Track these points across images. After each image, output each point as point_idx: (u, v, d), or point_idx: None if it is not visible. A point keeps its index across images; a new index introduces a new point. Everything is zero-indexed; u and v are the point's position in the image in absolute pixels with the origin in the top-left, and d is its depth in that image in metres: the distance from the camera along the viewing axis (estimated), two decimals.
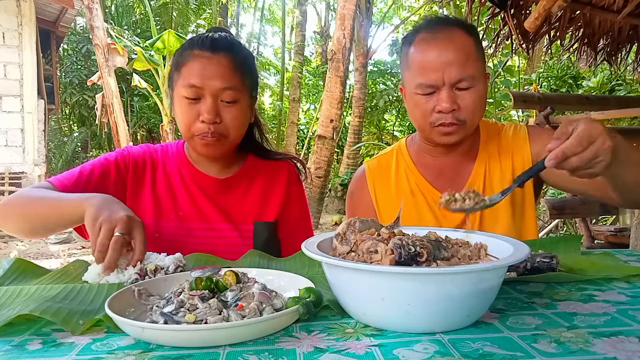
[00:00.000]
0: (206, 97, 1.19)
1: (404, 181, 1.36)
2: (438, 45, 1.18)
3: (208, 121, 1.18)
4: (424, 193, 1.33)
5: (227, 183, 1.34)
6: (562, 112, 4.59)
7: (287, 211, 1.36)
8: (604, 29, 3.33)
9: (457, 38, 1.20)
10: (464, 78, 1.17)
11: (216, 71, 1.19)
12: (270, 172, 1.38)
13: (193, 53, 1.21)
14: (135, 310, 0.74)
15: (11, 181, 8.29)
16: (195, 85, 1.18)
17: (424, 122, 1.24)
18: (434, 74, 1.18)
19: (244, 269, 0.85)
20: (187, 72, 1.20)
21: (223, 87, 1.19)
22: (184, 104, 1.20)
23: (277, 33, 18.91)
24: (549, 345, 0.61)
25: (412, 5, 13.86)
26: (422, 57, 1.20)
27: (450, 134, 1.22)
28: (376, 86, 13.47)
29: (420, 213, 1.32)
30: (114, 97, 7.89)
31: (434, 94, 1.20)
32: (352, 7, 7.99)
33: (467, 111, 1.19)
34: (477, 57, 1.21)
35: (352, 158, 10.93)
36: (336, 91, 8.15)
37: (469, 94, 1.19)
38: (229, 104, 1.21)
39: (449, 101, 1.17)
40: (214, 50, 1.21)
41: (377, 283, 0.66)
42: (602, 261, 1.03)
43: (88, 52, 11.62)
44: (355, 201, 1.45)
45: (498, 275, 0.70)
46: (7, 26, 8.39)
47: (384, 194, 1.38)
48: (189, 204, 1.31)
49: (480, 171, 1.30)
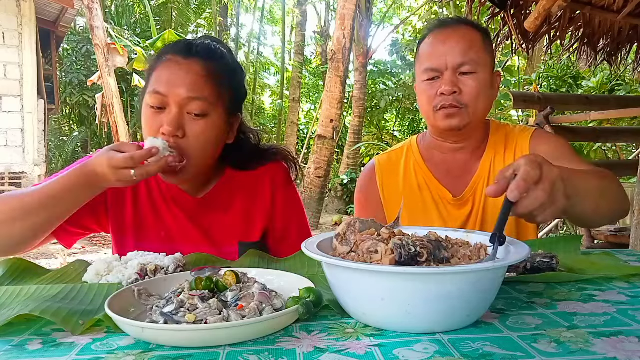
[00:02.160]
0: (171, 107, 1.06)
1: (412, 176, 1.39)
2: (443, 35, 1.27)
3: (168, 133, 1.04)
4: (430, 188, 1.36)
5: (206, 201, 1.23)
6: (562, 112, 4.59)
7: (275, 220, 1.28)
8: (604, 29, 3.33)
9: (463, 30, 1.27)
10: (466, 62, 1.23)
11: (185, 78, 1.07)
12: (252, 183, 1.27)
13: (166, 58, 1.10)
14: (135, 310, 0.73)
15: (11, 181, 8.29)
16: (160, 93, 1.06)
17: (428, 107, 1.28)
18: (437, 59, 1.24)
19: (244, 269, 0.85)
20: (155, 78, 1.09)
21: (189, 97, 1.06)
22: (147, 113, 1.09)
23: (277, 33, 18.91)
24: (549, 345, 0.61)
25: (412, 5, 13.86)
26: (429, 47, 1.28)
27: (452, 116, 1.25)
28: (376, 86, 13.48)
29: (426, 208, 1.35)
30: (114, 97, 7.89)
31: (438, 80, 1.25)
32: (352, 7, 7.99)
33: (469, 96, 1.23)
34: (482, 48, 1.26)
35: (352, 158, 10.93)
36: (336, 91, 8.15)
37: (471, 79, 1.23)
38: (196, 117, 1.07)
39: (450, 84, 1.22)
40: (187, 56, 1.09)
41: (377, 283, 0.66)
42: (602, 261, 1.03)
43: (88, 52, 11.61)
44: (363, 195, 1.46)
45: (498, 275, 0.70)
46: (7, 26, 8.39)
47: (392, 188, 1.40)
48: (172, 223, 1.22)
49: (485, 168, 1.33)
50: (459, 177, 1.34)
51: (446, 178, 1.36)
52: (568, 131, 3.97)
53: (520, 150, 1.31)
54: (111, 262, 0.96)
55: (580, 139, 4.82)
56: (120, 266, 0.95)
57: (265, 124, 16.12)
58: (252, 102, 15.57)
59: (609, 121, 5.20)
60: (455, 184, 1.35)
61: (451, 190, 1.34)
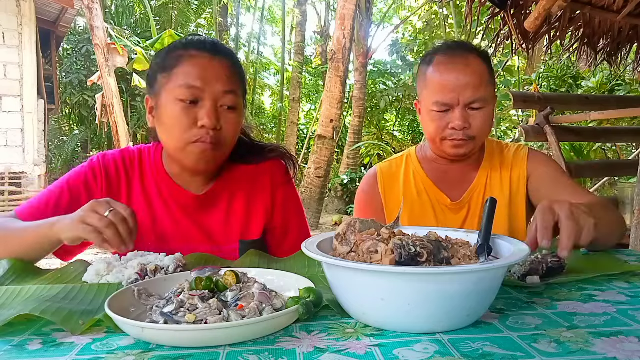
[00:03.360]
0: (205, 101, 1.09)
1: (411, 183, 1.46)
2: (456, 69, 1.30)
3: (209, 126, 1.08)
4: (429, 193, 1.43)
5: (207, 199, 1.23)
6: (562, 112, 4.59)
7: (275, 217, 1.29)
8: (604, 29, 3.33)
9: (473, 63, 1.31)
10: (477, 99, 1.29)
11: (218, 73, 1.11)
12: (252, 179, 1.28)
13: (190, 53, 1.12)
14: (135, 310, 0.73)
15: (11, 181, 8.29)
16: (195, 86, 1.08)
17: (437, 135, 1.34)
18: (450, 94, 1.29)
19: (244, 269, 0.85)
20: (183, 72, 1.10)
21: (224, 91, 1.11)
22: (177, 108, 1.09)
23: (277, 33, 18.90)
24: (549, 345, 0.61)
25: (412, 5, 13.85)
26: (440, 78, 1.31)
27: (460, 147, 1.33)
28: (376, 86, 13.47)
29: (424, 212, 1.42)
30: (114, 97, 7.89)
31: (448, 112, 1.30)
32: (352, 7, 7.99)
33: (477, 129, 1.31)
34: (489, 82, 1.32)
35: (352, 158, 10.93)
36: (336, 91, 8.15)
37: (480, 114, 1.30)
38: (229, 110, 1.12)
39: (462, 120, 1.29)
40: (215, 53, 1.13)
41: (377, 283, 0.66)
42: (602, 261, 1.04)
43: (88, 52, 11.59)
44: (365, 199, 1.52)
45: (498, 275, 0.70)
46: (7, 26, 8.38)
47: (393, 194, 1.47)
48: (168, 222, 1.21)
49: (482, 180, 1.42)
50: (456, 184, 1.42)
51: (443, 184, 1.43)
52: (568, 131, 3.97)
53: (517, 170, 1.40)
54: (111, 262, 0.96)
55: (580, 139, 4.82)
56: (120, 266, 0.95)
57: (265, 124, 16.12)
58: (252, 102, 15.57)
59: (609, 121, 5.20)
60: (452, 190, 1.42)
61: (448, 195, 1.41)
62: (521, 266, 0.90)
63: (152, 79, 1.17)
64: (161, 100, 1.13)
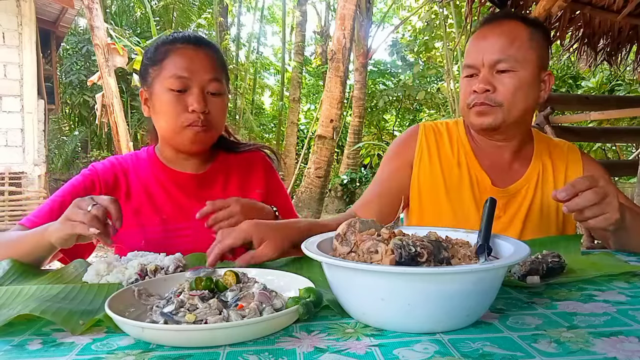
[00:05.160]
0: (193, 88, 1.21)
1: (453, 150, 1.35)
2: (486, 30, 1.23)
3: (198, 110, 1.20)
4: (469, 168, 1.32)
5: (205, 178, 1.34)
6: (562, 112, 4.59)
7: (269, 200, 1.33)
8: (604, 29, 3.33)
9: (507, 25, 1.21)
10: (503, 59, 1.18)
11: (203, 63, 1.23)
12: (245, 164, 1.40)
13: (176, 47, 1.24)
14: (135, 310, 0.73)
15: (11, 181, 8.28)
16: (183, 76, 1.20)
17: (463, 104, 1.26)
18: (474, 54, 1.22)
19: (244, 269, 0.85)
20: (171, 64, 1.22)
21: (209, 78, 1.23)
22: (169, 97, 1.21)
23: (277, 33, 18.91)
24: (549, 345, 0.61)
25: (412, 5, 13.85)
26: (471, 43, 1.26)
27: (484, 114, 1.22)
28: (376, 86, 13.48)
29: (461, 187, 1.31)
30: (114, 97, 7.89)
31: (475, 77, 1.22)
32: (352, 7, 8.00)
33: (504, 94, 1.19)
34: (526, 45, 1.19)
35: (352, 158, 10.94)
36: (336, 91, 8.16)
37: (508, 77, 1.18)
38: (214, 96, 1.24)
39: (484, 81, 1.19)
40: (198, 44, 1.25)
41: (377, 283, 0.66)
42: (602, 261, 1.03)
43: (88, 52, 11.59)
44: (396, 151, 1.42)
45: (498, 275, 0.70)
46: (7, 26, 8.38)
47: (429, 156, 1.36)
48: (170, 205, 1.30)
49: (534, 174, 1.31)
50: (502, 171, 1.32)
51: (487, 164, 1.32)
52: (568, 131, 3.96)
53: (573, 171, 1.31)
54: (111, 262, 0.96)
55: (580, 139, 4.81)
56: (120, 266, 0.95)
57: (265, 124, 16.12)
58: (252, 102, 15.57)
59: (609, 121, 5.20)
60: (496, 175, 1.31)
61: (491, 178, 1.31)
62: (521, 266, 0.90)
63: (144, 72, 1.28)
64: (154, 91, 1.25)
